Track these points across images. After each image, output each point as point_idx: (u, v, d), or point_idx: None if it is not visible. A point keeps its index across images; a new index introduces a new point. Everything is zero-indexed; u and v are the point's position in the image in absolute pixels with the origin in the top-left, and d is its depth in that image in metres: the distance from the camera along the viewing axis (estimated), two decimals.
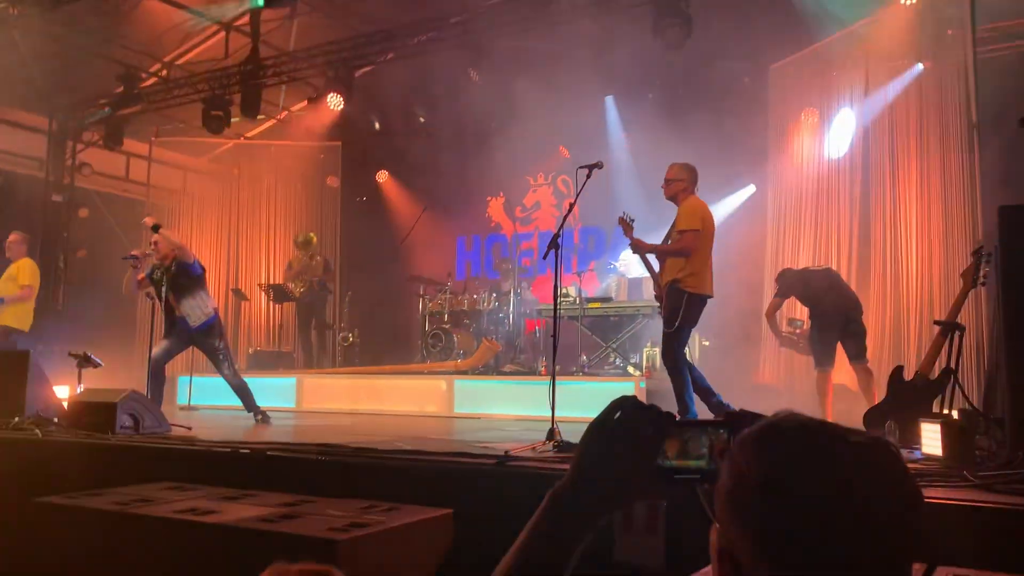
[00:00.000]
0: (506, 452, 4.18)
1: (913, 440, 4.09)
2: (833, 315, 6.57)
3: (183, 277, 7.04)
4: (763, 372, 9.05)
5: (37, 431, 5.40)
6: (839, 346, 6.56)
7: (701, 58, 8.83)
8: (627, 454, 1.03)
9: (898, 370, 4.87)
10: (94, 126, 11.71)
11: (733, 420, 1.01)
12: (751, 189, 9.92)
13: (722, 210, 9.74)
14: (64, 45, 9.92)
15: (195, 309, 7.04)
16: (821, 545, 0.78)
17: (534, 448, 4.47)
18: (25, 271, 8.64)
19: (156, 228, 7.06)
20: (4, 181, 10.99)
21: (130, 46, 10.81)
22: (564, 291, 9.57)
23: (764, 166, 9.46)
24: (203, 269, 7.34)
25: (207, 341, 7.18)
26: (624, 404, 1.07)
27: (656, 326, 7.19)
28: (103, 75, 10.76)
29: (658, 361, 7.85)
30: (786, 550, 0.80)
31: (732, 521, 0.85)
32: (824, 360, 6.55)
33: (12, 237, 8.74)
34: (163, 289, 7.00)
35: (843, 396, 7.07)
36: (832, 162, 8.98)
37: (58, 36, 9.58)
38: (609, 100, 10.22)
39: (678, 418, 1.07)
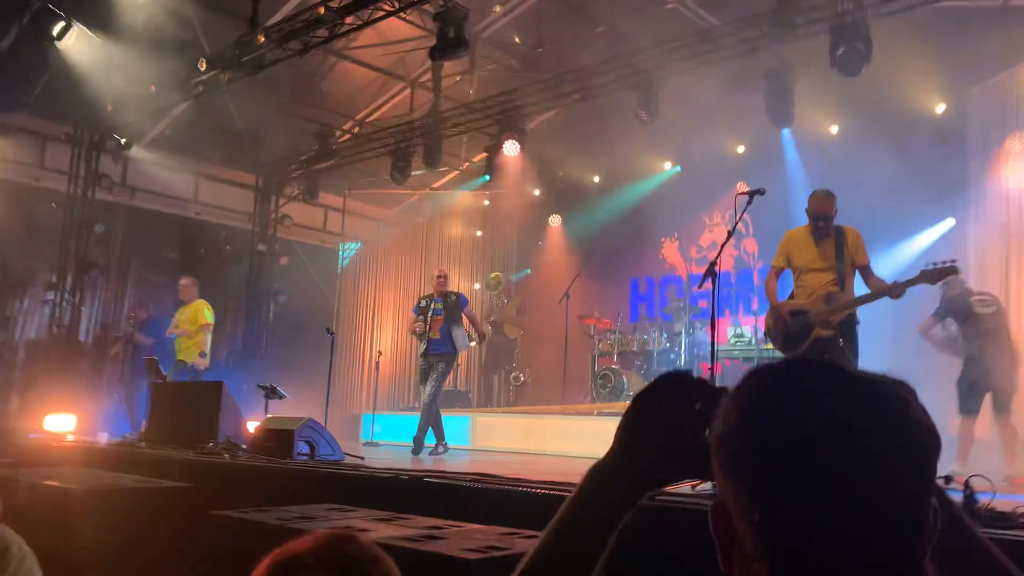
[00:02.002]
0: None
1: None
2: (985, 359, 6.38)
3: (458, 310, 8.29)
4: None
5: (226, 455, 5.84)
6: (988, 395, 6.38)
7: (888, 85, 8.34)
8: (671, 428, 0.93)
9: None
10: (295, 181, 12.70)
11: None
12: (950, 222, 9.14)
13: (918, 245, 9.08)
14: (267, 107, 10.90)
15: (453, 339, 8.12)
16: (803, 482, 0.67)
17: (692, 486, 4.26)
18: (204, 311, 9.24)
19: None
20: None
21: (325, 106, 11.71)
22: (739, 331, 9.21)
23: (964, 198, 8.72)
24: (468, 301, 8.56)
25: (437, 363, 8.06)
26: (671, 374, 0.98)
27: None
28: (302, 134, 11.70)
29: None
30: (765, 492, 0.69)
31: (719, 470, 0.75)
32: (968, 406, 6.38)
33: (184, 281, 9.40)
34: (428, 319, 8.15)
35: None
36: None
37: (262, 99, 10.55)
38: (786, 133, 9.82)
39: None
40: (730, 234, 4.98)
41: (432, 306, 8.24)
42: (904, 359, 7.73)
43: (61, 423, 8.73)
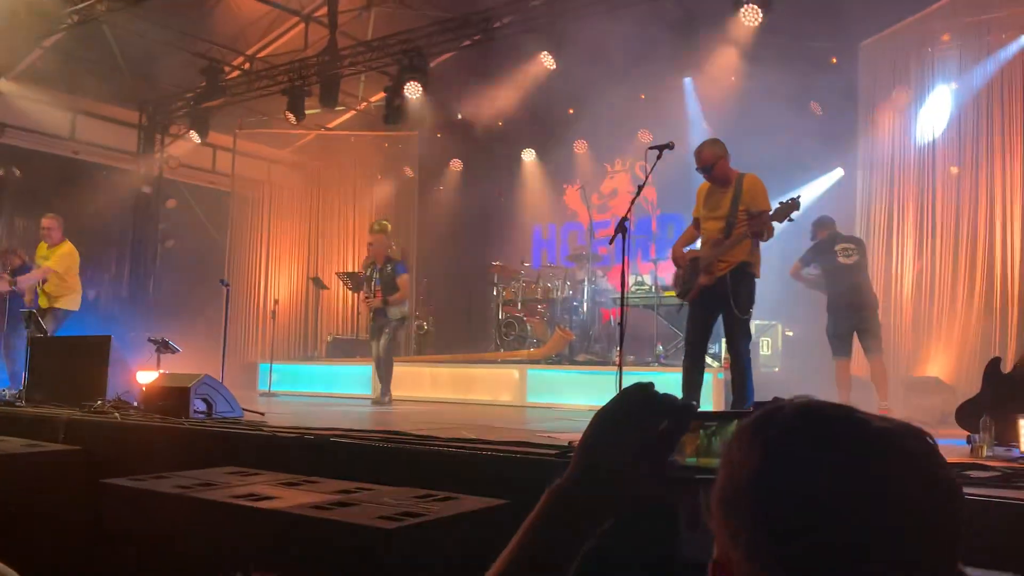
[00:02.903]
0: (569, 443, 4.04)
1: (1011, 438, 3.79)
2: (845, 306, 6.87)
3: (393, 279, 7.97)
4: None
5: (116, 414, 5.54)
6: (855, 337, 6.90)
7: (784, 38, 8.48)
8: (636, 450, 0.88)
9: (995, 362, 4.53)
10: (181, 119, 12.03)
11: None
12: (839, 172, 9.47)
13: (809, 193, 9.36)
14: (151, 40, 10.20)
15: (396, 307, 7.99)
16: (826, 552, 0.63)
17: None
18: (76, 258, 8.48)
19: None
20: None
21: (213, 40, 11.06)
22: (639, 279, 9.36)
23: (853, 148, 9.03)
24: (407, 270, 8.26)
25: (389, 323, 8.01)
26: (636, 392, 0.93)
27: None
28: (189, 69, 11.03)
29: None
30: (783, 558, 0.64)
31: (724, 526, 0.70)
32: (839, 349, 6.86)
33: (49, 222, 8.46)
34: (373, 287, 8.04)
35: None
36: (926, 143, 8.48)
37: (144, 32, 9.85)
38: (688, 82, 9.91)
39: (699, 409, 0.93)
40: (640, 188, 4.98)
41: (373, 275, 8.12)
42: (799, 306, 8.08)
43: None
